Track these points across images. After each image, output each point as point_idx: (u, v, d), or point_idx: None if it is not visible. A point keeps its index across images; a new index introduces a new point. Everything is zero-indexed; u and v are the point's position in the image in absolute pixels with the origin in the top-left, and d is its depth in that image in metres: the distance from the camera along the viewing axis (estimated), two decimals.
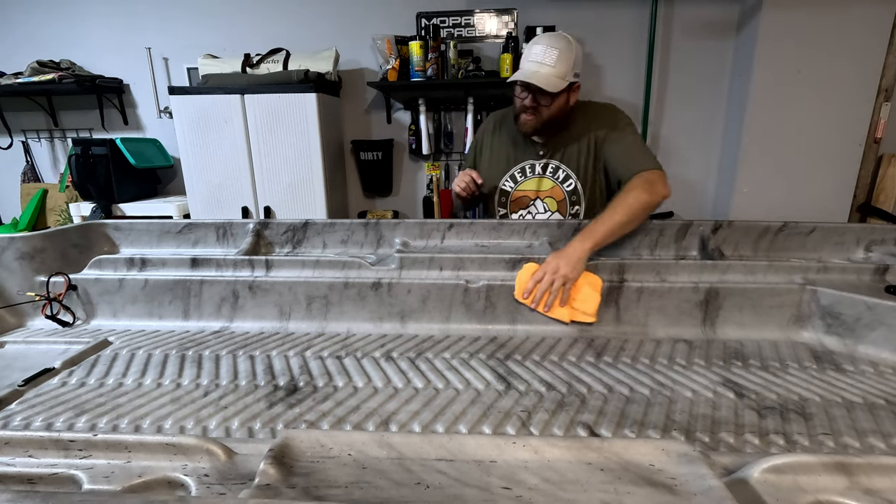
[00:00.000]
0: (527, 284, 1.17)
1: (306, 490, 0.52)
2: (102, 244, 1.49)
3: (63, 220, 3.23)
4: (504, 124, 1.71)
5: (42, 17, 3.21)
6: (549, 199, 1.65)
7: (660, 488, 0.53)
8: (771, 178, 2.87)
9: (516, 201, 1.68)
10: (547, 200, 1.65)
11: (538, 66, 1.45)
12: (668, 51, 3.00)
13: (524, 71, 1.47)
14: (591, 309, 1.16)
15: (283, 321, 1.24)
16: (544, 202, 1.66)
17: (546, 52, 1.44)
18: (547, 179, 1.64)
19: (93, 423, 0.82)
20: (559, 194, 1.63)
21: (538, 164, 1.63)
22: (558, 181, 1.62)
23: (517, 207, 1.68)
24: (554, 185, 1.63)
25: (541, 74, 1.44)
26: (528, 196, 1.66)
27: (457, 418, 0.83)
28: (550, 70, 1.44)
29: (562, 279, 1.15)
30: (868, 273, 1.19)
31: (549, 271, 1.16)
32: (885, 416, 0.82)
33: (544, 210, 1.66)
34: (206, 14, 3.14)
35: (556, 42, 1.45)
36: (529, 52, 1.48)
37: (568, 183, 1.62)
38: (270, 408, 0.87)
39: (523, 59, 1.50)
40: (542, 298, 1.15)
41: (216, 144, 2.74)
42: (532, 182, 1.65)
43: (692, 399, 0.88)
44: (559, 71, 1.44)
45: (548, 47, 1.44)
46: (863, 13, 2.60)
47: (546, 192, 1.65)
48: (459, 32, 2.98)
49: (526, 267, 1.20)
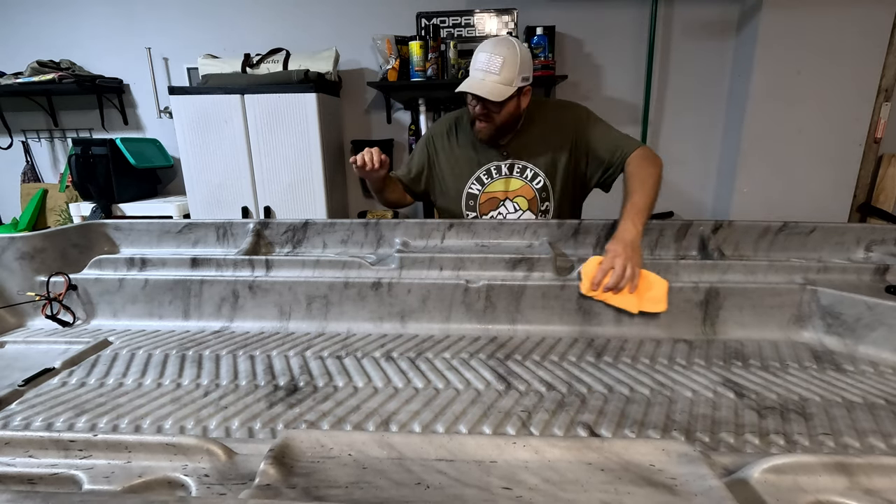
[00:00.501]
0: (594, 277, 1.15)
1: (306, 490, 0.52)
2: (102, 244, 1.49)
3: (63, 220, 3.22)
4: (460, 128, 1.69)
5: (42, 17, 3.21)
6: (519, 198, 1.65)
7: (660, 488, 0.53)
8: (771, 178, 2.87)
9: (485, 203, 1.67)
10: (517, 200, 1.65)
11: (483, 75, 1.44)
12: (668, 51, 3.00)
13: (470, 81, 1.46)
14: (660, 294, 1.13)
15: (284, 321, 1.24)
16: (514, 202, 1.66)
17: (490, 60, 1.43)
18: (515, 179, 1.64)
19: (93, 423, 0.82)
20: (529, 192, 1.64)
21: (503, 165, 1.63)
22: (527, 180, 1.63)
23: (487, 209, 1.68)
24: (523, 184, 1.63)
25: (486, 84, 1.43)
26: (497, 197, 1.66)
27: (457, 418, 0.83)
28: (495, 78, 1.43)
29: (633, 266, 1.14)
30: (868, 273, 1.19)
31: (619, 259, 1.14)
32: (886, 416, 0.82)
33: (514, 209, 1.66)
34: (206, 14, 3.14)
35: (499, 49, 1.43)
36: (475, 61, 1.46)
37: (537, 181, 1.62)
38: (270, 408, 0.87)
39: (471, 67, 1.48)
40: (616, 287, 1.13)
41: (216, 144, 2.74)
42: (499, 183, 1.65)
43: (692, 399, 0.88)
44: (504, 78, 1.43)
45: (492, 55, 1.43)
46: (863, 13, 2.60)
47: (515, 191, 1.65)
48: (459, 32, 2.98)
49: (591, 260, 1.18)
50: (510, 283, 1.19)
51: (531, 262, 1.22)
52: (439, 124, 1.75)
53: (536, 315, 1.19)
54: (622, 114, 3.05)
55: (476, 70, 1.46)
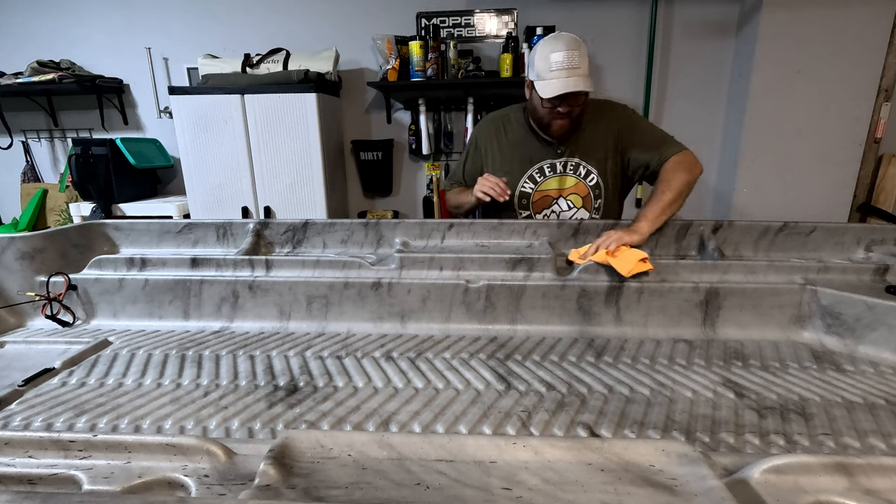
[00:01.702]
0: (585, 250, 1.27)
1: (306, 491, 0.52)
2: (102, 244, 1.49)
3: (63, 220, 3.22)
4: (508, 127, 1.70)
5: (42, 17, 3.21)
6: (573, 195, 1.66)
7: (660, 489, 0.53)
8: (771, 178, 2.87)
9: (538, 202, 1.68)
10: (571, 197, 1.66)
11: (568, 73, 1.43)
12: (668, 51, 2.99)
13: (561, 83, 1.44)
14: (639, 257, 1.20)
15: (283, 321, 1.24)
16: (568, 199, 1.66)
17: (569, 57, 1.43)
18: (569, 177, 1.64)
19: (93, 424, 0.82)
20: (583, 190, 1.65)
21: (558, 163, 1.64)
22: (581, 177, 1.64)
23: (540, 208, 1.68)
24: (577, 182, 1.64)
25: (577, 80, 1.44)
26: (551, 195, 1.67)
27: (457, 418, 0.83)
28: (580, 72, 1.44)
29: (617, 239, 1.24)
30: (868, 273, 1.19)
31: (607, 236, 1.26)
32: (886, 416, 0.82)
33: (568, 207, 1.67)
34: (206, 14, 3.14)
35: (571, 44, 1.44)
36: (550, 62, 1.44)
37: (590, 178, 1.64)
38: (270, 408, 0.87)
39: (544, 71, 1.46)
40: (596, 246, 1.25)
41: (216, 144, 2.74)
42: (553, 181, 1.65)
43: (692, 399, 0.88)
44: (585, 70, 1.45)
45: (568, 52, 1.43)
46: (863, 13, 2.60)
47: (569, 189, 1.65)
48: (459, 32, 2.98)
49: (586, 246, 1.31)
50: (510, 283, 1.19)
51: (531, 262, 1.22)
52: (486, 125, 1.76)
53: (536, 315, 1.19)
54: None
55: (558, 71, 1.44)
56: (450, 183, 1.86)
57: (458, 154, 3.22)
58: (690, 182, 1.45)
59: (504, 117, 1.72)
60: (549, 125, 1.56)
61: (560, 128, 1.55)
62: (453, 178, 1.86)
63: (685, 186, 1.44)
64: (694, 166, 1.49)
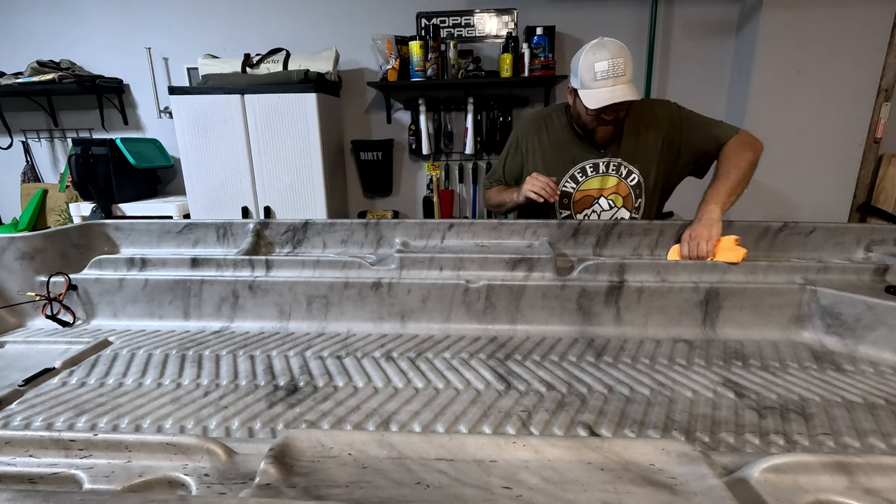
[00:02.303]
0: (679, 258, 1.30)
1: (307, 490, 0.52)
2: (102, 244, 1.49)
3: (63, 220, 3.22)
4: (550, 127, 1.70)
5: (42, 17, 3.21)
6: (613, 195, 1.66)
7: (660, 488, 0.53)
8: (771, 178, 2.87)
9: (579, 202, 1.68)
10: (612, 197, 1.66)
11: (613, 81, 1.42)
12: (668, 51, 3.00)
13: (607, 93, 1.43)
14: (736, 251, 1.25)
15: (284, 321, 1.24)
16: (609, 199, 1.66)
17: (614, 65, 1.42)
18: (611, 177, 1.64)
19: (93, 423, 0.82)
20: (624, 189, 1.64)
21: (601, 163, 1.64)
22: (622, 177, 1.64)
23: (581, 207, 1.68)
24: (619, 182, 1.64)
25: (623, 89, 1.42)
26: (592, 195, 1.67)
27: (457, 418, 0.83)
28: (625, 79, 1.43)
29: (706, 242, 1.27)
30: (868, 273, 1.19)
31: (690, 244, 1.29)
32: (885, 416, 0.82)
33: (609, 207, 1.67)
34: (206, 14, 3.14)
35: (616, 51, 1.43)
36: (594, 70, 1.43)
37: (631, 178, 1.64)
38: (270, 408, 0.87)
39: (589, 80, 1.44)
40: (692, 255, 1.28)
41: (216, 144, 2.74)
42: (595, 181, 1.65)
43: (692, 399, 0.88)
44: (630, 76, 1.44)
45: (613, 60, 1.42)
46: (863, 13, 2.60)
47: (610, 189, 1.65)
48: (459, 32, 2.98)
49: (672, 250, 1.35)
50: (510, 283, 1.19)
51: (531, 262, 1.22)
52: (528, 125, 1.76)
53: (536, 315, 1.19)
54: None
55: (603, 80, 1.43)
56: (489, 181, 1.87)
57: (458, 154, 3.22)
58: (754, 161, 1.47)
59: (546, 117, 1.72)
60: (595, 131, 1.56)
61: (605, 134, 1.56)
62: (493, 176, 1.86)
63: (749, 165, 1.46)
64: (755, 143, 1.50)
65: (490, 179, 1.87)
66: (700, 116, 1.63)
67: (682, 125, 1.60)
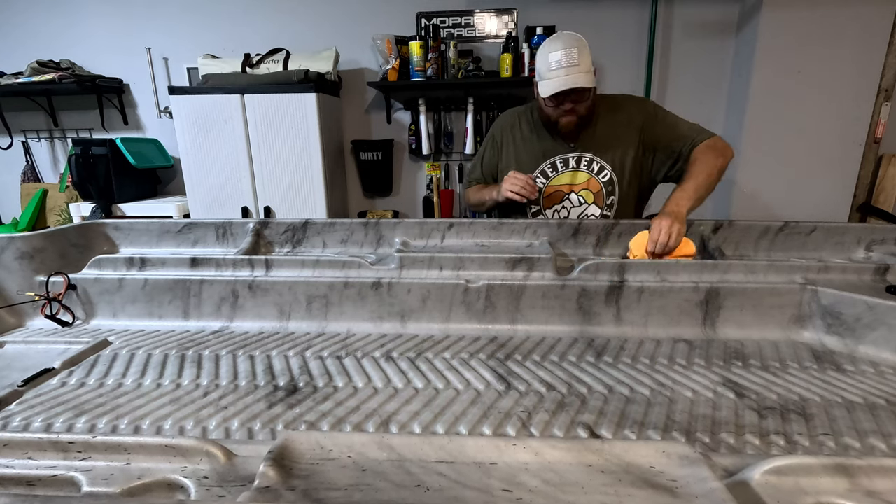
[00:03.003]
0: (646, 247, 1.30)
1: (306, 492, 0.52)
2: (102, 244, 1.49)
3: (63, 220, 3.22)
4: (523, 122, 1.71)
5: (42, 17, 3.21)
6: (584, 191, 1.65)
7: (661, 491, 0.53)
8: (771, 178, 2.87)
9: (549, 197, 1.67)
10: (582, 193, 1.65)
11: (566, 71, 1.45)
12: (668, 51, 2.99)
13: (559, 81, 1.46)
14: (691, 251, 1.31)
15: (283, 321, 1.23)
16: (579, 195, 1.66)
17: (567, 55, 1.45)
18: (582, 172, 1.64)
19: (92, 424, 0.82)
20: (595, 186, 1.64)
21: (571, 158, 1.64)
22: (593, 173, 1.63)
23: (551, 203, 1.68)
24: (589, 177, 1.64)
25: (575, 77, 1.45)
26: (562, 190, 1.66)
27: (457, 419, 0.83)
28: (579, 69, 1.45)
29: (677, 233, 1.29)
30: (868, 273, 1.19)
31: (664, 229, 1.29)
32: (886, 416, 0.82)
33: (579, 203, 1.66)
34: (206, 14, 3.14)
35: (570, 42, 1.46)
36: (549, 62, 1.47)
37: (603, 174, 1.63)
38: (270, 408, 0.86)
39: (545, 70, 1.49)
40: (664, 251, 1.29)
41: (216, 144, 2.74)
42: (565, 176, 1.65)
43: (692, 399, 0.88)
44: (585, 66, 1.46)
45: (566, 50, 1.45)
46: (863, 13, 2.60)
47: (581, 184, 1.65)
48: (459, 32, 2.98)
49: (639, 234, 1.34)
50: (510, 283, 1.19)
51: (531, 262, 1.21)
52: (502, 120, 1.77)
53: (536, 315, 1.19)
54: None
55: (556, 70, 1.46)
56: (468, 181, 1.87)
57: (458, 154, 3.22)
58: (723, 167, 1.49)
59: (521, 113, 1.74)
60: (557, 122, 1.57)
61: (567, 124, 1.56)
62: (472, 175, 1.86)
63: (718, 171, 1.47)
64: (725, 150, 1.52)
65: (469, 178, 1.87)
66: (675, 117, 1.64)
67: (656, 123, 1.61)
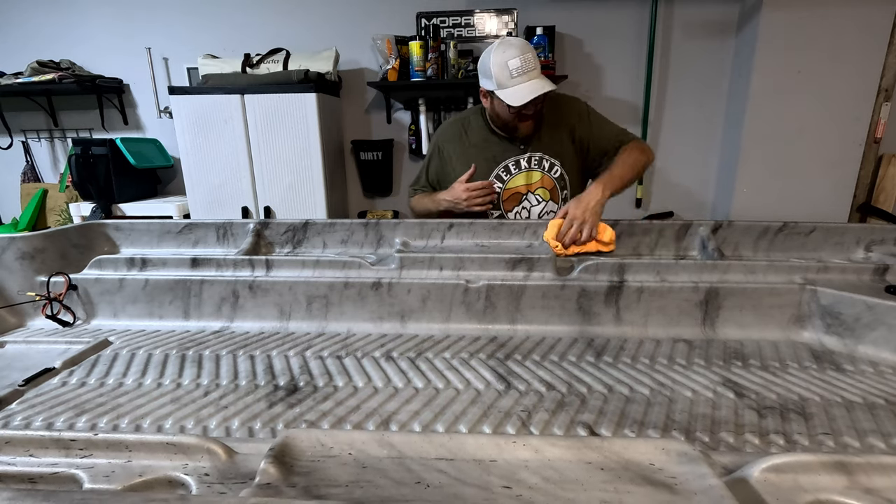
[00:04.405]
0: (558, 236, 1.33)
1: (307, 489, 0.52)
2: (102, 244, 1.49)
3: (63, 220, 3.23)
4: (469, 130, 1.72)
5: (42, 17, 3.21)
6: (540, 189, 1.68)
7: (660, 487, 0.53)
8: (771, 178, 2.87)
9: (508, 199, 1.69)
10: (539, 192, 1.68)
11: (527, 77, 1.46)
12: (668, 51, 3.00)
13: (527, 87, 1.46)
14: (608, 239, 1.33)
15: (284, 321, 1.24)
16: (535, 194, 1.68)
17: (524, 60, 1.46)
18: (535, 172, 1.67)
19: (93, 423, 0.82)
20: (549, 183, 1.67)
21: (523, 159, 1.66)
22: (545, 171, 1.66)
23: (511, 205, 1.70)
24: (542, 176, 1.67)
25: (542, 82, 1.48)
26: (520, 192, 1.68)
27: (457, 418, 0.83)
28: (537, 73, 1.48)
29: (588, 227, 1.31)
30: (868, 273, 1.19)
31: (575, 220, 1.31)
32: (885, 415, 0.82)
33: (538, 202, 1.69)
34: (206, 14, 3.14)
35: (523, 47, 1.48)
36: (507, 69, 1.46)
37: (554, 170, 1.67)
38: (270, 407, 0.87)
39: (504, 79, 1.47)
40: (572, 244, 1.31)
41: (216, 144, 2.74)
42: (520, 177, 1.67)
43: (692, 399, 0.88)
44: (539, 69, 1.50)
45: (523, 55, 1.47)
46: (863, 13, 2.60)
47: (536, 184, 1.68)
48: (459, 32, 2.98)
49: (551, 224, 1.35)
50: (510, 283, 1.19)
51: (531, 262, 1.22)
52: (446, 130, 1.76)
53: (536, 315, 1.19)
54: (622, 114, 3.05)
55: (518, 76, 1.46)
56: (413, 189, 1.86)
57: None
58: (646, 164, 1.58)
59: (464, 121, 1.74)
60: (517, 128, 1.59)
61: (527, 129, 1.60)
62: (417, 184, 1.85)
63: (642, 166, 1.56)
64: (648, 151, 1.60)
65: (414, 187, 1.86)
66: (605, 120, 1.70)
67: (590, 122, 1.66)
